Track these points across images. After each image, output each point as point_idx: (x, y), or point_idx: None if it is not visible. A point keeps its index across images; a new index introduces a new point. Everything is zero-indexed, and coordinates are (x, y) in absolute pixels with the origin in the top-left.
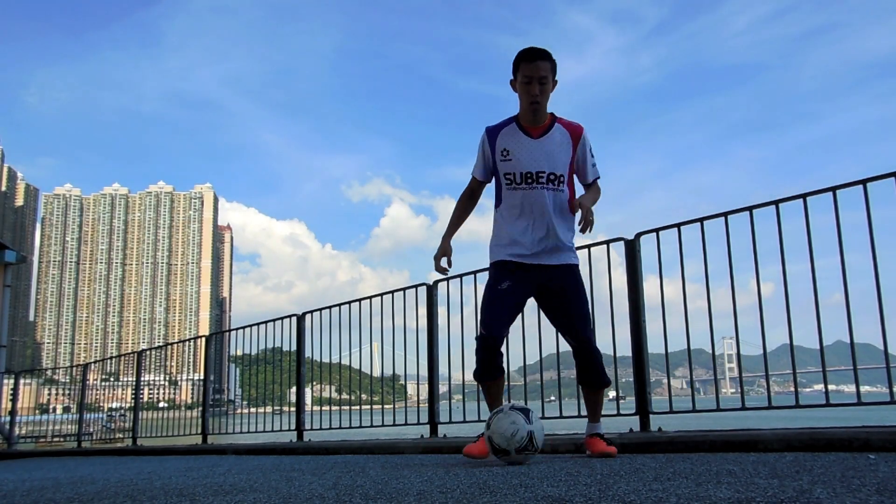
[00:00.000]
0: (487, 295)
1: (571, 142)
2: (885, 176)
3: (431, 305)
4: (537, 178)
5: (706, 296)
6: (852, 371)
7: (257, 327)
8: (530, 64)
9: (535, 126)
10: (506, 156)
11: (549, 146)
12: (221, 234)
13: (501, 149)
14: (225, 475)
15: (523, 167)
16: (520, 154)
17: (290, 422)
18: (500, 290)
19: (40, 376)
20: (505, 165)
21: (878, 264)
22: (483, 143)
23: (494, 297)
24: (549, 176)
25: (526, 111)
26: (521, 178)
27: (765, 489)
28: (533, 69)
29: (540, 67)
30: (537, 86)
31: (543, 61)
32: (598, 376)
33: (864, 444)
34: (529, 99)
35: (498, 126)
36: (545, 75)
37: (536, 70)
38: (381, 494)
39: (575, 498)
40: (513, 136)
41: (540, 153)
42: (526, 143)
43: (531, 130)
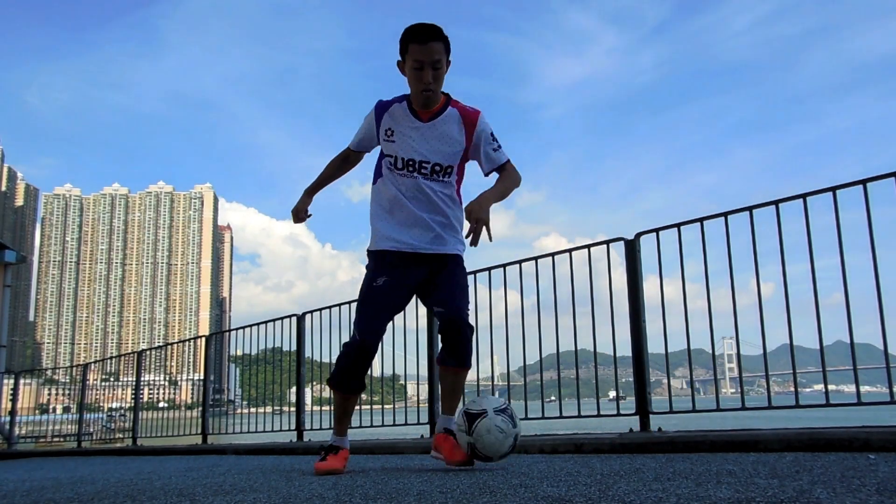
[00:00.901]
0: (364, 291)
1: (465, 129)
2: (885, 176)
3: None
4: (420, 168)
5: (706, 296)
6: (852, 371)
7: (257, 327)
8: (422, 46)
9: (426, 109)
10: (389, 136)
11: (439, 133)
12: (221, 234)
13: (386, 127)
14: (225, 475)
15: (406, 153)
16: (404, 138)
17: (289, 422)
18: (376, 287)
19: (40, 376)
20: (388, 146)
21: (878, 264)
22: (370, 117)
23: (371, 296)
24: (434, 167)
25: (417, 98)
26: (403, 164)
27: (765, 489)
28: (425, 52)
29: (433, 50)
30: (430, 71)
31: (436, 42)
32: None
33: (864, 444)
34: (421, 87)
35: (388, 102)
36: (439, 58)
37: (429, 53)
38: (381, 494)
39: (575, 498)
40: (401, 117)
41: (427, 141)
42: (413, 126)
43: (421, 114)
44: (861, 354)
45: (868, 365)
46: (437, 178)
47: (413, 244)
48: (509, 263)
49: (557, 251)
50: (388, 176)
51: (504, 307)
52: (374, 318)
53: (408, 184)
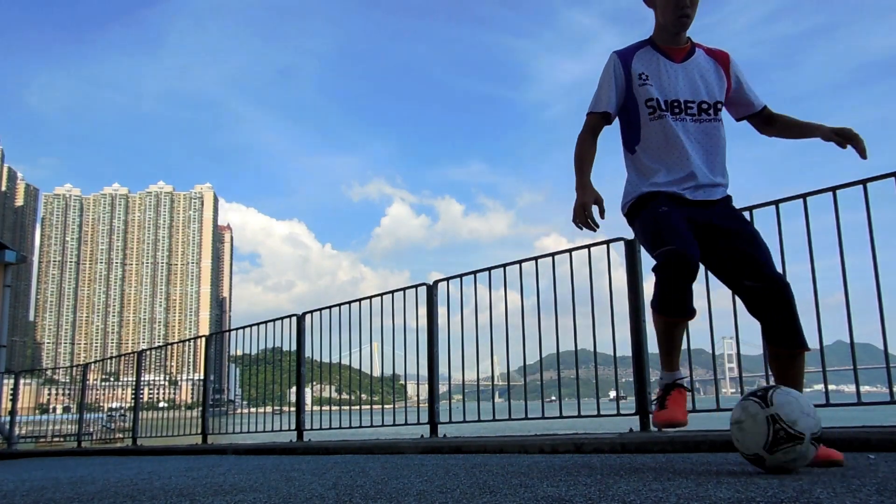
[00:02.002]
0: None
1: (721, 67)
2: (885, 176)
3: (431, 305)
4: (686, 108)
5: (706, 296)
6: (852, 371)
7: (257, 327)
8: None
9: (676, 48)
10: (645, 80)
11: (696, 72)
12: (221, 234)
13: (639, 72)
14: (225, 475)
15: (668, 94)
16: (664, 79)
17: (290, 422)
18: (661, 212)
19: (40, 376)
20: (645, 90)
21: (878, 264)
22: (612, 68)
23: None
24: (702, 105)
25: (667, 28)
26: (667, 105)
27: (765, 489)
28: None
29: None
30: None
31: None
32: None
33: (864, 444)
34: (678, 12)
35: (630, 48)
36: None
37: None
38: (381, 494)
39: (575, 498)
40: (651, 59)
41: (686, 79)
42: (668, 66)
43: (672, 53)
44: (861, 354)
45: (868, 365)
46: (708, 117)
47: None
48: (509, 263)
49: (557, 251)
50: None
51: (504, 307)
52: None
53: (675, 128)
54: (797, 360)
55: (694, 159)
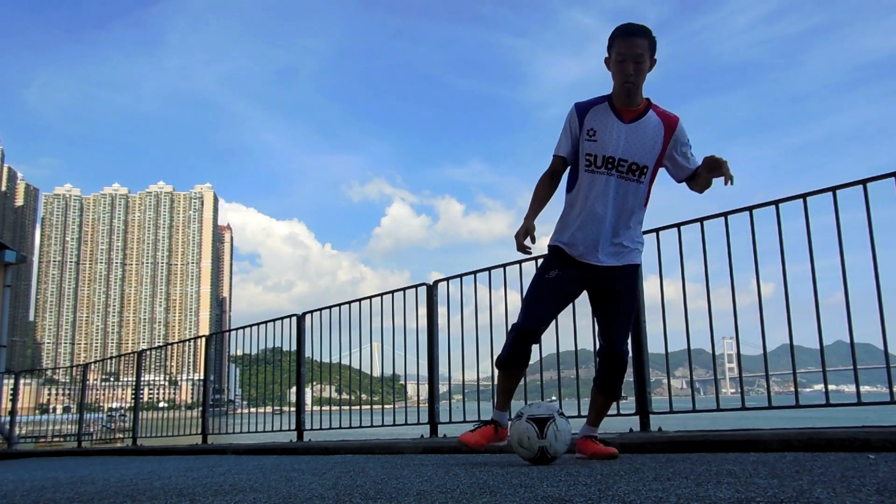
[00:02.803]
0: (535, 283)
1: (664, 132)
2: (885, 176)
3: (431, 305)
4: (618, 165)
5: (706, 296)
6: (852, 371)
7: (257, 327)
8: (625, 41)
9: (628, 109)
10: (591, 136)
11: (640, 134)
12: (221, 234)
13: (589, 127)
14: (225, 475)
15: (607, 150)
16: (606, 136)
17: (290, 422)
18: (548, 278)
19: (40, 376)
20: (588, 145)
21: (878, 264)
22: (570, 120)
23: (542, 287)
24: (632, 165)
25: (619, 92)
26: (603, 161)
27: (765, 489)
28: (628, 46)
29: (636, 44)
30: (632, 64)
31: (640, 38)
32: (616, 387)
33: (864, 444)
34: (623, 79)
35: (588, 103)
36: (641, 53)
37: (632, 47)
38: (381, 494)
39: (575, 498)
40: (602, 116)
41: (628, 139)
42: (615, 126)
43: (623, 113)
44: (861, 354)
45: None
46: (633, 177)
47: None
48: (509, 263)
49: None
50: (585, 177)
51: (504, 307)
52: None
53: (604, 182)
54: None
55: (607, 217)
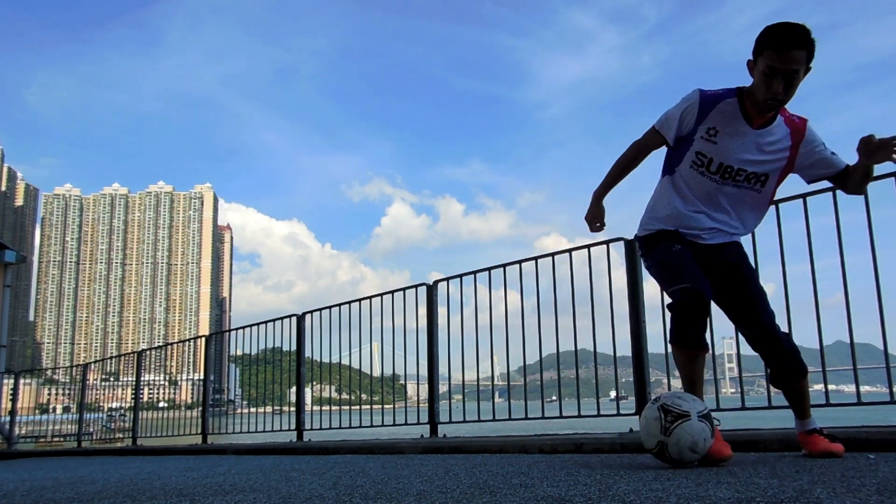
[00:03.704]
0: (664, 258)
1: (791, 139)
2: (885, 176)
3: (431, 305)
4: (735, 176)
5: None
6: (852, 371)
7: (257, 327)
8: (780, 55)
9: (760, 115)
10: (712, 136)
11: (766, 143)
12: (221, 234)
13: (710, 126)
14: (225, 475)
15: (726, 158)
16: (728, 142)
17: (289, 422)
18: (675, 251)
19: (40, 376)
20: (705, 145)
21: (878, 264)
22: (689, 108)
23: (675, 257)
24: (750, 176)
25: (759, 104)
26: (718, 168)
27: (765, 489)
28: (782, 61)
29: (792, 59)
30: (782, 81)
31: (798, 50)
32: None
33: (864, 444)
34: (768, 96)
35: (715, 96)
36: (797, 69)
37: (787, 62)
38: (381, 494)
39: (575, 498)
40: (729, 117)
41: (752, 148)
42: (741, 130)
43: (753, 118)
44: (861, 354)
45: (868, 365)
46: (749, 185)
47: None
48: (509, 263)
49: (557, 251)
50: (690, 175)
51: (504, 307)
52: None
53: (715, 189)
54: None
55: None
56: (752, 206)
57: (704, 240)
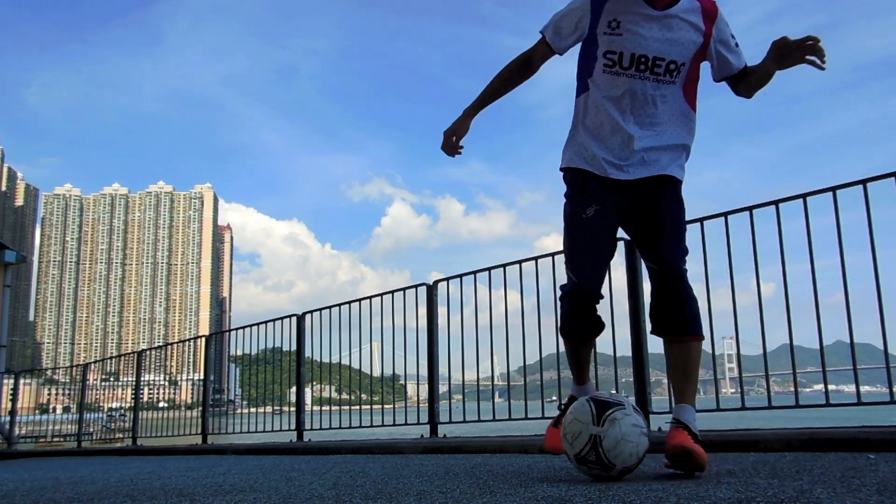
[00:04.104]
0: (571, 227)
1: (703, 21)
2: (885, 176)
3: (431, 305)
4: (653, 67)
5: (706, 296)
6: (852, 371)
7: (257, 327)
8: None
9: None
10: (614, 28)
11: (675, 25)
12: (221, 234)
13: (611, 18)
14: (225, 475)
15: (636, 47)
16: (636, 29)
17: (289, 422)
18: (584, 219)
19: (40, 376)
20: (610, 41)
21: (878, 264)
22: (582, 6)
23: (581, 232)
24: (670, 65)
25: None
26: (631, 61)
27: (765, 489)
28: None
29: None
30: None
31: None
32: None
33: (864, 444)
34: None
35: None
36: None
37: None
38: (381, 494)
39: (575, 498)
40: (629, 3)
41: (662, 30)
42: (646, 15)
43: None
44: (861, 354)
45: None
46: (669, 79)
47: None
48: (509, 263)
49: (557, 251)
50: (605, 80)
51: (504, 307)
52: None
53: (634, 87)
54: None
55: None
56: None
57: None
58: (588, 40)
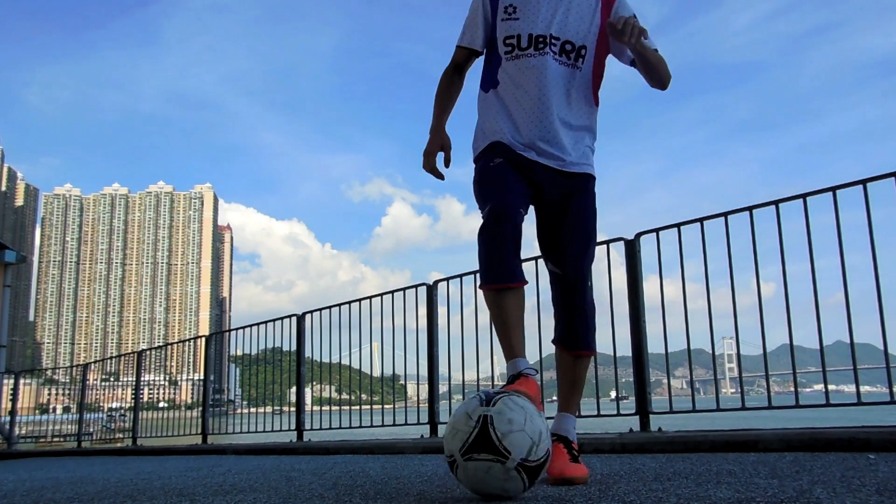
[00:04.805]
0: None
1: (601, 5)
2: (885, 176)
3: (431, 305)
4: (550, 45)
5: (706, 296)
6: (852, 371)
7: (257, 327)
8: None
9: None
10: (511, 13)
11: (574, 7)
12: (221, 233)
13: (506, 5)
14: (225, 475)
15: (533, 28)
16: (530, 10)
17: (290, 422)
18: (494, 165)
19: (40, 376)
20: (508, 26)
21: (878, 264)
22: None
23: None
24: (565, 45)
25: None
26: (529, 41)
27: (765, 489)
28: None
29: None
30: None
31: None
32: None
33: (864, 444)
34: None
35: None
36: None
37: None
38: (381, 494)
39: (575, 498)
40: None
41: (557, 13)
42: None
43: None
44: (861, 354)
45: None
46: (569, 61)
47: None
48: None
49: None
50: (507, 66)
51: None
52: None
53: (535, 64)
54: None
55: (542, 106)
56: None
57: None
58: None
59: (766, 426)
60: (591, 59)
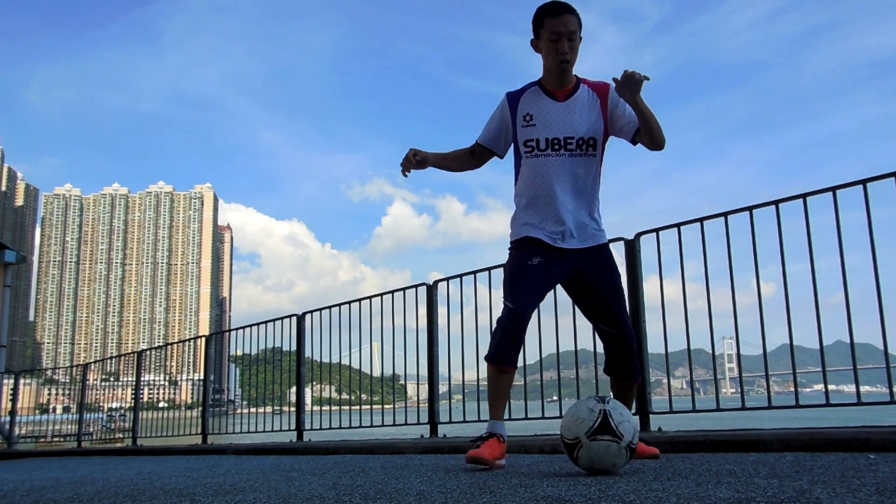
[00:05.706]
0: (513, 272)
1: (599, 99)
2: (885, 176)
3: (431, 305)
4: (566, 145)
5: (706, 296)
6: (852, 371)
7: (257, 327)
8: (557, 19)
9: (561, 89)
10: (528, 121)
11: (578, 109)
12: (221, 233)
13: (524, 113)
14: (225, 475)
15: (549, 132)
16: (545, 119)
17: (289, 422)
18: (530, 265)
19: (40, 376)
20: (527, 132)
21: (878, 264)
22: (501, 109)
23: (526, 271)
24: (579, 141)
25: (552, 72)
26: (547, 143)
27: (765, 489)
28: (561, 24)
29: (568, 21)
30: (566, 42)
31: (571, 15)
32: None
33: (864, 444)
34: (558, 58)
35: (519, 90)
36: (574, 30)
37: (565, 24)
38: (381, 494)
39: (575, 498)
40: (536, 100)
41: (568, 117)
42: (551, 106)
43: (557, 94)
44: (861, 354)
45: (868, 365)
46: (582, 152)
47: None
48: None
49: None
50: (529, 164)
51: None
52: (526, 290)
53: (553, 165)
54: (631, 388)
55: (562, 198)
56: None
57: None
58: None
59: (766, 426)
60: (600, 144)
